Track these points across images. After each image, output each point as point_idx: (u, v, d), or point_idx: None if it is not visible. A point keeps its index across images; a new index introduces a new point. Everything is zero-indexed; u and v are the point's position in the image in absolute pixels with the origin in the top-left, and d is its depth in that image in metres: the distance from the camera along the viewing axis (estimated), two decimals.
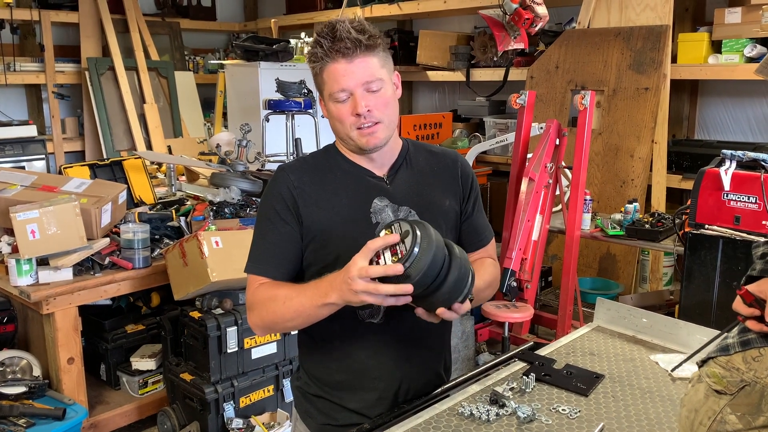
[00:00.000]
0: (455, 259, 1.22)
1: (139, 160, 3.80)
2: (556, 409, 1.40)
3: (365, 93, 1.36)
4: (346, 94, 1.36)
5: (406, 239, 1.18)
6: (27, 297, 2.54)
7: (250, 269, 1.46)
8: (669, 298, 3.76)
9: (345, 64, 1.34)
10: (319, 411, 1.51)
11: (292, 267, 1.45)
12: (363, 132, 1.38)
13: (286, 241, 1.43)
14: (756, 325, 1.07)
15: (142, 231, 2.82)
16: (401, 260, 1.17)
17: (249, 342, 2.76)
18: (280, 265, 1.43)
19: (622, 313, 1.83)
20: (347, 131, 1.39)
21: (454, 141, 5.12)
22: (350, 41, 1.33)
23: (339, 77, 1.35)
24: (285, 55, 4.92)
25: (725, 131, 4.24)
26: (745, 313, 1.08)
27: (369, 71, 1.35)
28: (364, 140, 1.39)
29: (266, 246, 1.44)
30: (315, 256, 1.43)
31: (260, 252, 1.45)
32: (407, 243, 1.17)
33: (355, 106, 1.35)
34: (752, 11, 3.61)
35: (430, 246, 1.17)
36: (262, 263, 1.44)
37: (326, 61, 1.36)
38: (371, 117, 1.37)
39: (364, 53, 1.35)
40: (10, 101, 5.68)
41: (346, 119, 1.38)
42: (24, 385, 2.59)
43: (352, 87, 1.35)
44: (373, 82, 1.36)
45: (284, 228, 1.42)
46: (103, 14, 5.65)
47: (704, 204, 2.76)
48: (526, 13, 3.76)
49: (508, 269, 3.09)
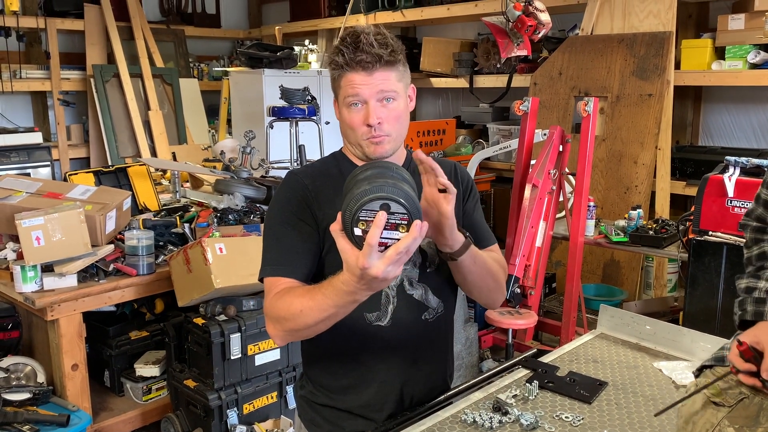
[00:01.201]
0: None
1: (143, 167, 3.81)
2: (559, 417, 1.40)
3: (378, 105, 1.37)
4: (360, 101, 1.38)
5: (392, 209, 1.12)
6: (32, 303, 2.55)
7: (267, 272, 1.40)
8: (673, 304, 3.76)
9: (364, 75, 1.36)
10: (325, 419, 1.51)
11: (311, 267, 1.41)
12: (371, 141, 1.40)
13: (305, 241, 1.40)
14: (749, 379, 1.05)
15: (147, 238, 2.83)
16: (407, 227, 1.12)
17: (252, 348, 2.76)
18: (301, 266, 1.39)
19: (625, 320, 1.83)
20: (357, 139, 1.41)
21: (457, 147, 5.12)
22: (371, 56, 1.34)
23: (356, 86, 1.37)
24: (289, 62, 4.94)
25: (729, 137, 4.24)
26: (742, 368, 1.05)
27: (386, 84, 1.37)
28: (372, 149, 1.40)
29: (283, 249, 1.40)
30: (326, 260, 1.43)
31: (277, 255, 1.40)
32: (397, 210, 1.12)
33: (367, 116, 1.37)
34: (755, 18, 3.61)
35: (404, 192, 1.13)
36: (281, 265, 1.39)
37: (346, 70, 1.37)
38: (381, 130, 1.38)
39: (383, 67, 1.36)
40: (16, 108, 5.71)
41: (357, 128, 1.39)
42: (28, 392, 2.59)
43: (367, 97, 1.37)
44: (388, 93, 1.38)
45: (304, 229, 1.41)
46: (109, 22, 5.68)
47: (708, 210, 2.76)
48: (529, 20, 3.78)
49: (512, 276, 3.09)
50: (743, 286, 1.22)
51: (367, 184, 1.14)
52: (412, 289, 1.46)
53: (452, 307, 1.57)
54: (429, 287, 1.48)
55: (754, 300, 1.17)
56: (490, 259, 1.46)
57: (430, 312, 1.49)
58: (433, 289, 1.48)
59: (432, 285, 1.48)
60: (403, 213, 1.12)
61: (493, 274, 1.46)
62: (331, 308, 1.24)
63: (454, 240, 1.31)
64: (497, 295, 1.53)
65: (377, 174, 1.17)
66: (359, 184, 1.16)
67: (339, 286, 1.19)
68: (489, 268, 1.44)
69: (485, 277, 1.44)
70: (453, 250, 1.33)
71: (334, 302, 1.22)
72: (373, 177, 1.16)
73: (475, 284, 1.44)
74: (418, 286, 1.47)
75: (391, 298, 1.45)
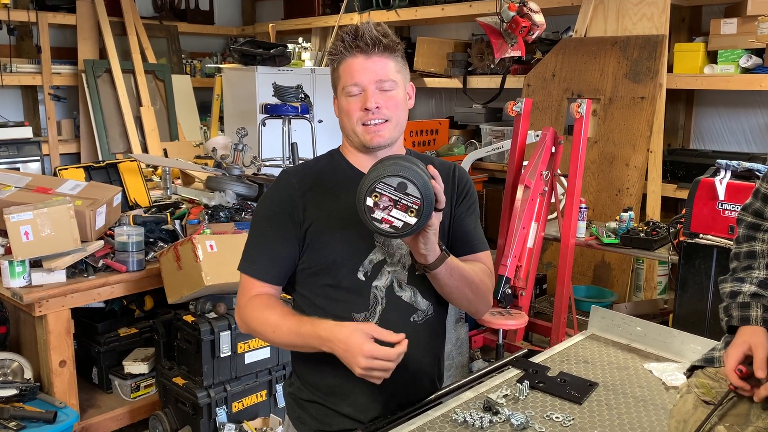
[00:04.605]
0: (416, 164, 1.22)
1: (134, 163, 3.79)
2: (549, 417, 1.40)
3: (377, 91, 1.38)
4: (359, 89, 1.38)
5: (408, 190, 1.15)
6: (19, 299, 2.52)
7: (244, 268, 1.48)
8: (663, 306, 3.77)
9: (362, 60, 1.37)
10: (312, 417, 1.50)
11: (285, 270, 1.46)
12: (368, 129, 1.39)
13: (282, 242, 1.43)
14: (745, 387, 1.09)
15: (137, 234, 2.81)
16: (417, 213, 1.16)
17: (242, 347, 2.75)
18: (273, 267, 1.45)
19: (616, 321, 1.83)
20: (353, 126, 1.40)
21: (450, 148, 5.13)
22: (370, 39, 1.37)
23: (354, 72, 1.38)
24: (282, 59, 4.92)
25: (720, 141, 4.26)
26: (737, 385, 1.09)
27: (384, 71, 1.38)
28: (369, 137, 1.40)
29: (261, 247, 1.46)
30: (310, 260, 1.43)
31: (255, 252, 1.47)
32: (413, 192, 1.15)
33: (365, 101, 1.37)
34: (748, 22, 3.63)
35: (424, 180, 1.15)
36: (256, 263, 1.46)
37: (345, 55, 1.39)
38: (379, 114, 1.38)
39: (382, 53, 1.38)
40: (6, 102, 5.66)
41: (354, 113, 1.39)
42: (15, 388, 2.57)
43: (365, 83, 1.37)
44: (386, 82, 1.38)
45: (281, 230, 1.43)
46: (101, 16, 5.64)
47: (699, 213, 2.77)
48: (524, 21, 3.78)
49: (503, 276, 3.09)
50: (727, 290, 1.22)
51: (392, 164, 1.17)
52: (401, 290, 1.45)
53: (443, 311, 1.55)
54: (418, 289, 1.47)
55: (738, 305, 1.17)
56: (472, 271, 1.43)
57: (419, 314, 1.48)
58: (423, 291, 1.47)
59: (421, 287, 1.47)
60: (417, 197, 1.13)
61: (473, 285, 1.43)
62: (299, 342, 1.36)
63: (428, 251, 1.29)
64: (479, 306, 1.50)
65: (405, 159, 1.20)
66: (384, 163, 1.21)
67: (318, 330, 1.31)
68: (469, 280, 1.42)
69: (462, 289, 1.42)
70: (427, 262, 1.31)
71: (304, 341, 1.34)
72: (400, 161, 1.19)
73: (452, 295, 1.43)
74: (407, 288, 1.46)
75: (380, 299, 1.44)
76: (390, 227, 1.16)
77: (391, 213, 1.15)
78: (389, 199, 1.16)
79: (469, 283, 1.42)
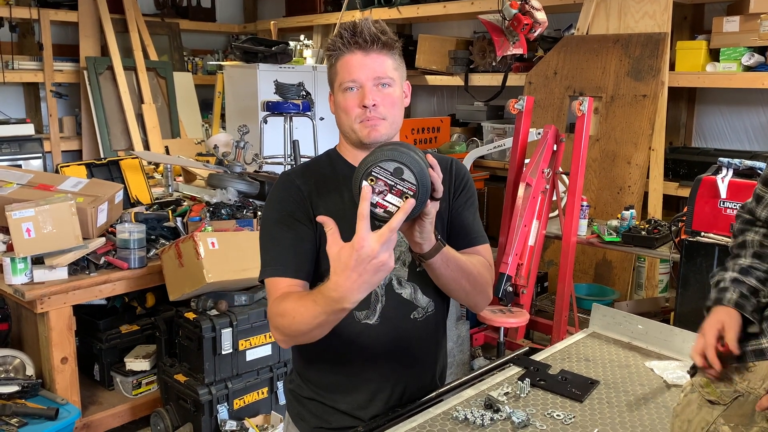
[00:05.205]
0: None
1: (136, 160, 3.79)
2: (550, 415, 1.40)
3: (374, 88, 1.37)
4: (356, 85, 1.38)
5: (404, 175, 1.14)
6: (21, 296, 2.53)
7: (264, 273, 1.39)
8: (664, 305, 3.77)
9: (360, 56, 1.37)
10: (312, 414, 1.50)
11: (308, 268, 1.40)
12: (365, 125, 1.39)
13: (303, 240, 1.40)
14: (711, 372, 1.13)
15: (138, 231, 2.81)
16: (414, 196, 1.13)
17: (243, 344, 2.75)
18: (294, 261, 1.38)
19: (617, 319, 1.83)
20: (351, 122, 1.40)
21: (451, 145, 5.12)
22: (369, 35, 1.36)
23: (352, 68, 1.37)
24: (284, 57, 4.92)
25: (722, 139, 4.26)
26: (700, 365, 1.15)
27: (382, 68, 1.38)
28: (366, 132, 1.39)
29: (281, 249, 1.39)
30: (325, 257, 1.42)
31: (276, 255, 1.39)
32: (408, 178, 1.13)
33: (362, 97, 1.37)
34: (750, 20, 3.62)
35: (421, 167, 1.14)
36: (280, 265, 1.38)
37: (343, 52, 1.38)
38: (376, 112, 1.38)
39: (380, 50, 1.37)
40: (8, 99, 5.67)
41: (351, 110, 1.39)
42: (17, 385, 2.58)
43: (363, 80, 1.37)
44: (384, 80, 1.38)
45: (300, 228, 1.40)
46: (103, 14, 5.64)
47: (701, 211, 2.76)
48: (525, 18, 3.77)
49: (504, 274, 3.09)
50: (714, 281, 1.26)
51: (390, 150, 1.16)
52: (400, 288, 1.45)
53: (444, 308, 1.54)
54: (418, 286, 1.46)
55: (718, 290, 1.20)
56: (469, 263, 1.41)
57: (419, 311, 1.47)
58: (423, 288, 1.47)
59: (421, 284, 1.46)
60: (413, 184, 1.13)
61: (471, 277, 1.41)
62: (321, 315, 1.22)
63: (424, 240, 1.27)
64: (477, 299, 1.47)
65: (403, 146, 1.20)
66: (382, 148, 1.20)
67: (328, 292, 1.18)
68: (466, 272, 1.39)
69: (459, 280, 1.39)
70: (422, 251, 1.30)
71: (323, 309, 1.21)
72: (398, 146, 1.18)
73: (449, 286, 1.41)
74: (407, 285, 1.46)
75: (380, 297, 1.44)
76: (384, 212, 1.16)
77: (386, 198, 1.14)
78: (385, 183, 1.15)
79: (467, 274, 1.40)
